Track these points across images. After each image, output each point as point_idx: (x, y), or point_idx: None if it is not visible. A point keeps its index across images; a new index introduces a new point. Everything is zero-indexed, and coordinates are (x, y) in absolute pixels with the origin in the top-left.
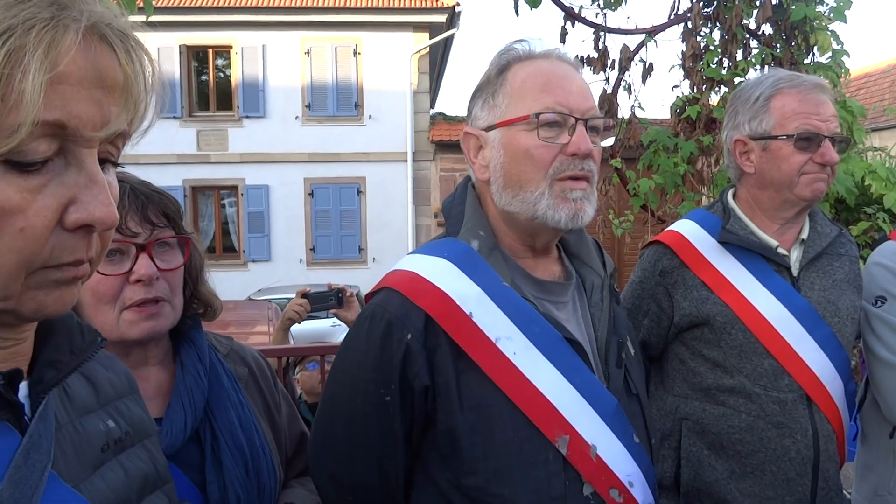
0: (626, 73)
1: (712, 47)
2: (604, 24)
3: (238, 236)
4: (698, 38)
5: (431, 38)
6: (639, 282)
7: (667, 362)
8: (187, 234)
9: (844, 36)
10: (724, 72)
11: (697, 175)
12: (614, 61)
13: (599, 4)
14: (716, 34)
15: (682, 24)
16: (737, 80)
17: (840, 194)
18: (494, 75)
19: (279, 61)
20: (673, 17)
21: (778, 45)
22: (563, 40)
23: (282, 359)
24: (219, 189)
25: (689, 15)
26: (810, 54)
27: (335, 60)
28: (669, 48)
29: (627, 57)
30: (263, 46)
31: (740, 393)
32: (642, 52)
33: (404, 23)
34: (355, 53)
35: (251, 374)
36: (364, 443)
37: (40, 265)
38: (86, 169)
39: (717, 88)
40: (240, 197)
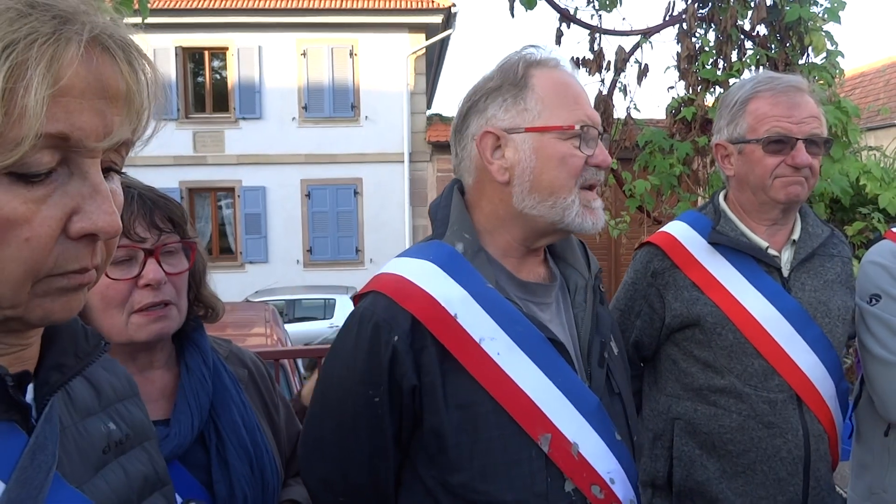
0: (622, 75)
1: (707, 48)
2: (599, 26)
3: (235, 238)
4: (693, 39)
5: (428, 39)
6: (631, 283)
7: (659, 363)
8: (192, 240)
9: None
10: (719, 73)
11: (693, 176)
12: (610, 63)
13: (594, 6)
14: (711, 35)
15: (677, 26)
16: (732, 81)
17: (835, 194)
18: (519, 77)
19: (275, 63)
20: (668, 19)
21: (773, 45)
22: (559, 42)
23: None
24: (215, 191)
25: (684, 16)
26: (805, 55)
27: (331, 62)
28: (665, 49)
29: (623, 58)
30: (260, 48)
31: (731, 393)
32: (637, 54)
33: (400, 24)
34: (352, 55)
35: (250, 375)
36: (354, 444)
37: (46, 273)
38: (89, 179)
39: (713, 89)
40: (236, 198)
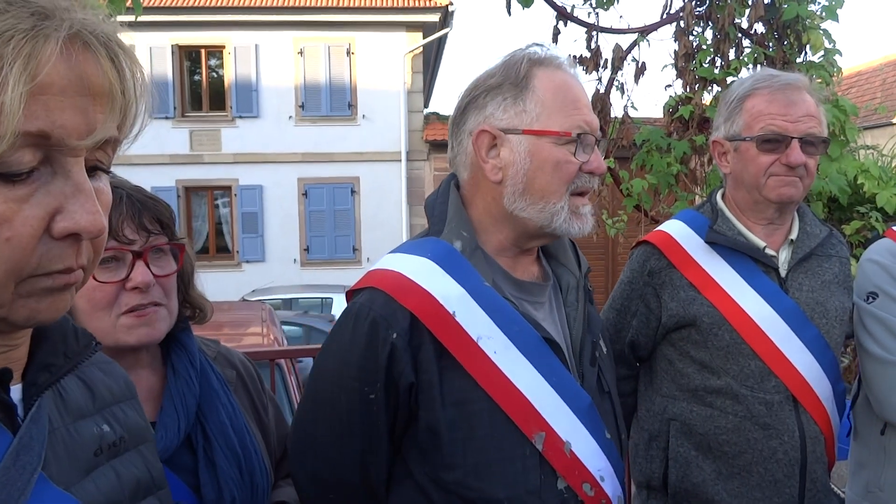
0: (619, 73)
1: (705, 46)
2: (596, 24)
3: (232, 237)
4: (691, 37)
5: (425, 37)
6: (627, 282)
7: (655, 363)
8: (181, 241)
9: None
10: (716, 71)
11: (690, 175)
12: (607, 61)
13: (591, 4)
14: (708, 33)
15: (674, 24)
16: (729, 80)
17: (833, 193)
18: (521, 77)
19: (272, 61)
20: (665, 17)
21: (770, 44)
22: (556, 40)
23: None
24: (212, 189)
25: (681, 14)
26: (802, 53)
27: (328, 60)
28: (662, 47)
29: (620, 56)
30: (256, 46)
31: (727, 394)
32: (635, 52)
33: (397, 22)
34: (348, 53)
35: (239, 376)
36: (347, 441)
37: (29, 274)
38: (72, 178)
39: (710, 88)
40: (233, 197)
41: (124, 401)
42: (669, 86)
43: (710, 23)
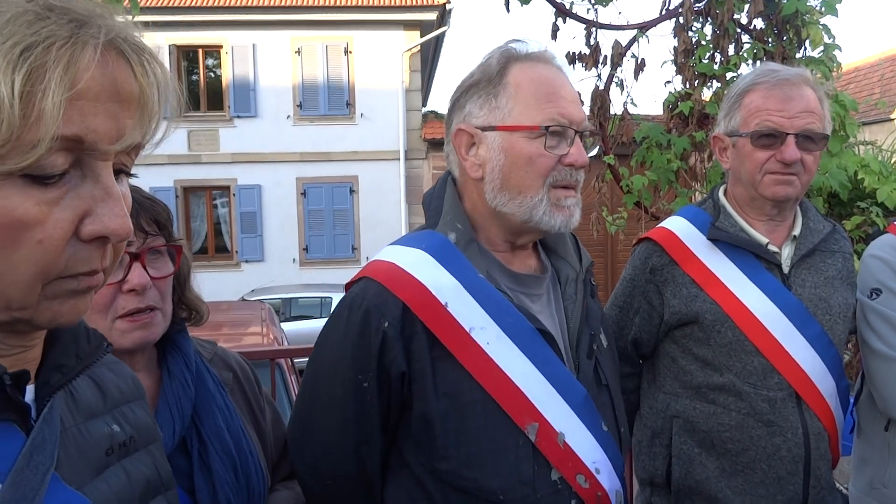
0: (618, 69)
1: (704, 42)
2: (595, 20)
3: (230, 237)
4: (690, 33)
5: (422, 35)
6: (629, 279)
7: (658, 360)
8: (178, 242)
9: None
10: (716, 67)
11: (690, 171)
12: (606, 57)
13: (590, 0)
14: (707, 29)
15: (673, 20)
16: (729, 76)
17: (833, 189)
18: (494, 74)
19: (270, 61)
20: (664, 13)
21: (770, 39)
22: (555, 37)
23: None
24: (210, 189)
25: (680, 10)
26: (802, 48)
27: (326, 59)
28: (661, 44)
29: (619, 53)
30: (254, 46)
31: (730, 391)
32: (634, 48)
33: (395, 21)
34: (346, 52)
35: (236, 378)
36: (342, 429)
37: (56, 275)
38: (101, 181)
39: (710, 84)
40: (232, 197)
41: (133, 400)
42: (669, 82)
43: (709, 18)
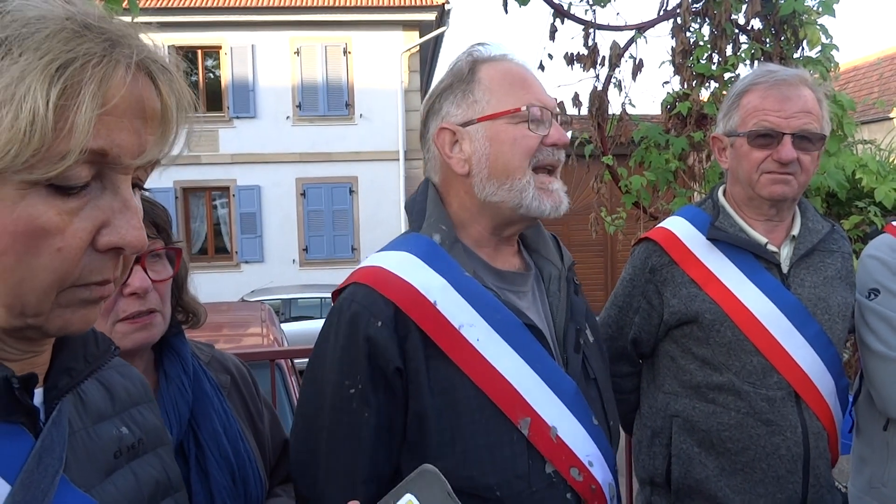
0: (617, 70)
1: (702, 43)
2: (593, 21)
3: (230, 237)
4: (688, 33)
5: (421, 36)
6: (629, 279)
7: (658, 359)
8: (178, 245)
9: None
10: (713, 67)
11: (689, 171)
12: (604, 58)
13: (588, 1)
14: (705, 30)
15: (671, 20)
16: (726, 76)
17: (831, 188)
18: (466, 73)
19: (269, 61)
20: (662, 13)
21: (767, 39)
22: (553, 37)
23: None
24: (210, 190)
25: (678, 11)
26: (799, 49)
27: (325, 60)
28: (659, 44)
29: (617, 53)
30: (253, 46)
31: (729, 390)
32: (632, 49)
33: (394, 21)
34: (345, 52)
35: (233, 381)
36: (343, 435)
37: (71, 284)
38: (120, 194)
39: (708, 84)
40: (231, 198)
41: (141, 403)
42: (667, 82)
43: (706, 19)
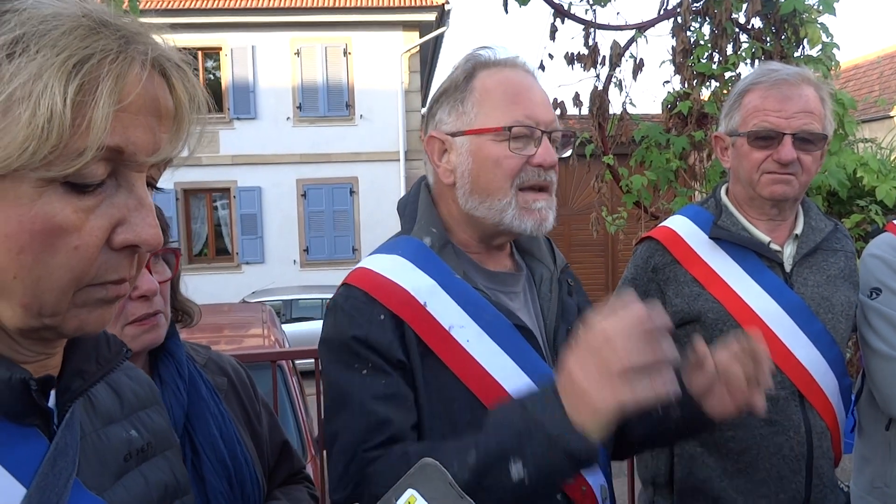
0: (617, 70)
1: (702, 42)
2: (593, 21)
3: (231, 238)
4: (688, 33)
5: (421, 36)
6: (631, 278)
7: None
8: (176, 247)
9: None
10: (714, 66)
11: (690, 170)
12: (604, 58)
13: (588, 1)
14: (705, 29)
15: (671, 20)
16: (727, 75)
17: (832, 187)
18: (461, 81)
19: (269, 62)
20: (662, 13)
21: (768, 38)
22: (553, 37)
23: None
24: (211, 191)
25: (678, 10)
26: (800, 47)
27: (325, 61)
28: (660, 44)
29: (618, 53)
30: (253, 48)
31: None
32: (632, 48)
33: (394, 22)
34: (345, 53)
35: (230, 383)
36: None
37: (87, 282)
38: (135, 192)
39: (708, 83)
40: (232, 199)
41: (150, 406)
42: (667, 82)
43: (707, 18)
